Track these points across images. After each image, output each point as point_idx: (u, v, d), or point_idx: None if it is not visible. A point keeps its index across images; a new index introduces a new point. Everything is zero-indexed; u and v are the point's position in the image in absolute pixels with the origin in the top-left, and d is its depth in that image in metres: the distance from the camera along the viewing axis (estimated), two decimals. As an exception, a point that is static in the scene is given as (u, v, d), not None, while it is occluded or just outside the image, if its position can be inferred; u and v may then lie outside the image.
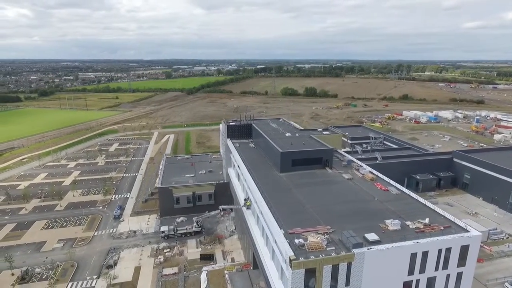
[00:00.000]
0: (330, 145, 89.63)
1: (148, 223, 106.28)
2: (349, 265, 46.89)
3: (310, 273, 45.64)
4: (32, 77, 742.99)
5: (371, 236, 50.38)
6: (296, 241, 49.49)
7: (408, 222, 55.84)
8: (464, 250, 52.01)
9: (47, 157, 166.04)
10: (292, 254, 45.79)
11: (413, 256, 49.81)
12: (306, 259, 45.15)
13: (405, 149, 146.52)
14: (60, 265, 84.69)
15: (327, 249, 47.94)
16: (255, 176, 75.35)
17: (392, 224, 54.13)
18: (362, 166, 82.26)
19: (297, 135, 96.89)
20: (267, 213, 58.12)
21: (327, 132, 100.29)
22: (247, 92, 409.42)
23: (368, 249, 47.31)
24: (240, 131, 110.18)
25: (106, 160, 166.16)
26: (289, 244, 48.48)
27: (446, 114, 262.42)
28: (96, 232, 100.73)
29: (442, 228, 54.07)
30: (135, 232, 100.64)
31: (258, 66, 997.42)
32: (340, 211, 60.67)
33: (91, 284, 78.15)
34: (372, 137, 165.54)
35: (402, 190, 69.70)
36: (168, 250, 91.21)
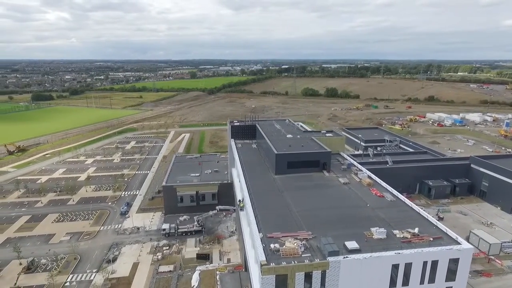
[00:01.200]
0: (333, 148, 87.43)
1: (152, 220, 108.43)
2: (324, 273, 45.31)
3: (282, 280, 44.57)
4: (66, 77, 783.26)
5: (351, 244, 48.43)
6: (272, 245, 48.53)
7: (395, 231, 53.21)
8: (454, 263, 48.78)
9: (67, 153, 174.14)
10: (264, 259, 44.89)
11: (395, 267, 47.36)
12: (277, 265, 44.12)
13: (421, 154, 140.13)
14: (64, 257, 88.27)
15: (303, 255, 46.65)
16: (248, 177, 74.88)
17: (377, 233, 51.78)
18: (361, 171, 79.37)
19: (298, 136, 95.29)
20: (251, 215, 57.49)
21: (330, 134, 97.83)
22: (268, 92, 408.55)
23: (344, 257, 45.50)
24: (244, 132, 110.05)
25: (122, 158, 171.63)
26: (264, 249, 47.61)
27: (474, 117, 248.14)
28: (102, 227, 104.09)
29: (432, 239, 51.04)
30: (138, 228, 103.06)
31: (283, 66, 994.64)
32: (327, 216, 58.88)
33: (89, 278, 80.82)
34: (387, 140, 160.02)
35: (397, 197, 66.67)
36: (167, 248, 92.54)
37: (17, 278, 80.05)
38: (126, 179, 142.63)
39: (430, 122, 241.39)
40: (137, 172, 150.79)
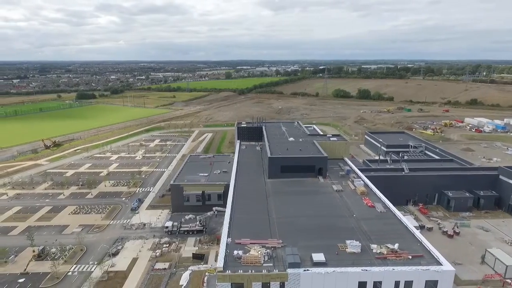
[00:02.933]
0: (336, 153, 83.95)
1: (159, 217, 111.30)
2: (282, 285, 43.39)
3: (238, 288, 43.37)
4: (112, 77, 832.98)
5: (317, 257, 45.99)
6: (236, 252, 47.53)
7: (373, 246, 49.65)
8: (432, 286, 44.27)
9: (95, 150, 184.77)
10: (221, 266, 44.00)
11: (362, 285, 44.16)
12: (233, 273, 43.04)
13: (446, 161, 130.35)
14: (72, 248, 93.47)
15: (264, 265, 45.07)
16: (238, 180, 74.17)
17: (351, 246, 48.66)
18: (358, 178, 75.15)
19: (301, 140, 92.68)
20: (226, 219, 56.79)
21: (334, 139, 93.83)
22: (298, 93, 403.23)
23: (304, 270, 43.21)
24: (250, 134, 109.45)
25: (144, 155, 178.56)
26: (227, 255, 46.71)
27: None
28: (112, 221, 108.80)
29: (410, 257, 46.93)
30: (144, 224, 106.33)
31: (320, 67, 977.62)
32: (306, 224, 56.46)
33: (91, 269, 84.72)
34: (411, 146, 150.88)
35: (389, 208, 62.16)
36: (167, 245, 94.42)
37: (27, 264, 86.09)
38: (143, 176, 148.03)
39: (468, 128, 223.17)
40: (155, 170, 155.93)
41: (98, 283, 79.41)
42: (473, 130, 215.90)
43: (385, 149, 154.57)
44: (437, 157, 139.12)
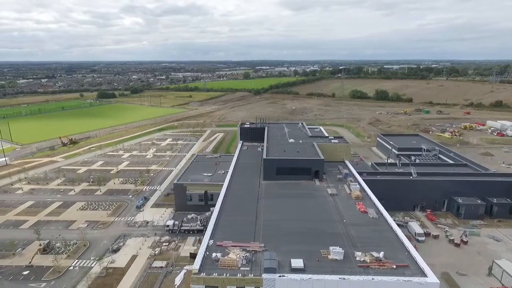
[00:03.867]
0: (337, 156, 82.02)
1: (162, 216, 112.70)
2: (257, 290, 42.53)
3: (213, 291, 42.95)
4: (133, 77, 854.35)
5: (296, 263, 44.84)
6: (215, 254, 47.13)
7: (358, 253, 47.87)
8: (415, 298, 42.14)
9: (109, 148, 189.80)
10: (197, 267, 43.74)
11: (340, 293, 42.50)
12: (208, 276, 42.65)
13: (460, 166, 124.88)
14: (76, 243, 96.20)
15: (241, 268, 44.40)
16: (233, 181, 73.77)
17: (334, 253, 47.16)
18: (354, 182, 72.96)
19: (301, 141, 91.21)
20: (212, 220, 56.52)
21: (335, 141, 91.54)
22: (313, 94, 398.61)
23: (280, 276, 42.20)
24: (253, 134, 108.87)
25: (155, 154, 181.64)
26: (205, 257, 46.42)
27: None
28: (117, 218, 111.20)
29: (395, 266, 44.88)
30: (147, 222, 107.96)
31: (340, 67, 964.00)
32: (293, 228, 55.34)
33: (91, 264, 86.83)
34: (424, 149, 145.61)
35: (381, 214, 59.82)
36: (167, 244, 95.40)
37: (32, 257, 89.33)
38: (152, 174, 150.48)
39: (489, 131, 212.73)
40: (163, 168, 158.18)
41: (96, 279, 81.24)
42: (495, 134, 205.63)
43: (396, 152, 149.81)
44: (450, 162, 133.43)
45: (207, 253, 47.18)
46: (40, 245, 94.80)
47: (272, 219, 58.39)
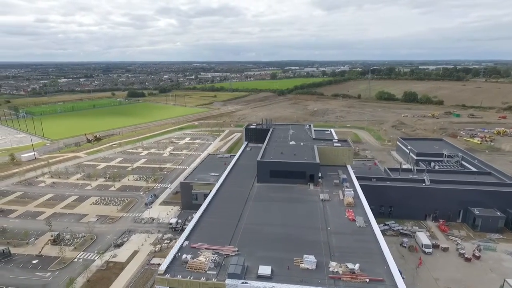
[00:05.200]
0: (339, 159, 79.30)
1: (169, 213, 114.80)
2: (220, 295, 41.81)
3: (177, 293, 42.76)
4: (164, 76, 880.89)
5: (264, 270, 43.62)
6: (184, 256, 46.97)
7: (333, 263, 45.70)
8: (384, 315, 39.45)
9: (129, 145, 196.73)
10: (163, 269, 43.81)
11: (304, 305, 40.72)
12: (172, 277, 42.55)
13: (483, 175, 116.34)
14: (84, 236, 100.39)
15: (208, 272, 43.89)
16: (226, 181, 73.49)
17: (306, 261, 45.31)
18: (349, 188, 69.92)
19: (302, 144, 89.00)
20: (193, 221, 56.52)
21: (338, 144, 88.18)
22: (339, 95, 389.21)
23: (242, 282, 41.22)
24: (258, 135, 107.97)
25: (171, 152, 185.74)
26: (175, 258, 46.41)
27: None
28: (125, 214, 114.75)
29: (368, 280, 42.26)
30: (153, 219, 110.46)
31: (372, 67, 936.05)
32: (273, 234, 53.98)
33: (94, 257, 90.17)
34: (445, 155, 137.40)
35: (369, 224, 56.67)
36: (169, 241, 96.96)
37: (42, 247, 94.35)
38: (165, 172, 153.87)
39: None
40: (177, 167, 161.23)
41: (96, 272, 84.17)
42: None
43: (414, 157, 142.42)
44: (473, 169, 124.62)
45: (179, 254, 47.08)
46: (52, 236, 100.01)
47: (254, 223, 57.30)
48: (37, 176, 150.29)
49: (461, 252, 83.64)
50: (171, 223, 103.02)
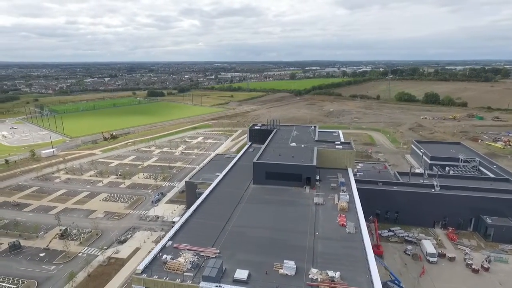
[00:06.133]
0: (339, 162, 77.44)
1: (174, 212, 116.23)
2: (195, 297, 41.50)
3: (153, 293, 42.84)
4: (185, 76, 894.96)
5: (240, 274, 42.97)
6: (164, 256, 47.03)
7: (313, 270, 44.36)
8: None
9: (142, 143, 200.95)
10: (141, 268, 44.05)
11: (278, 312, 39.67)
12: (148, 277, 42.69)
13: (500, 181, 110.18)
14: (90, 232, 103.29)
15: (185, 273, 43.71)
16: (222, 182, 73.31)
17: (285, 267, 44.19)
18: (345, 192, 67.84)
19: (302, 146, 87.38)
20: (181, 221, 56.62)
21: (340, 147, 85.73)
22: (357, 95, 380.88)
23: (216, 286, 40.68)
24: (262, 136, 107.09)
25: (183, 151, 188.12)
26: (156, 258, 46.57)
27: None
28: (132, 211, 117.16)
29: (346, 289, 40.57)
30: (158, 217, 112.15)
31: (396, 67, 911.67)
32: (258, 237, 53.20)
33: (97, 253, 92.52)
34: (461, 160, 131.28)
35: (360, 230, 54.64)
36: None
37: (50, 241, 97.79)
38: (175, 171, 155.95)
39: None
40: (187, 166, 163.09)
41: (98, 267, 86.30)
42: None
43: (428, 161, 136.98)
44: (491, 175, 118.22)
45: (160, 254, 47.21)
46: (60, 230, 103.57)
47: (242, 225, 56.63)
48: (53, 172, 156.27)
49: (469, 262, 79.40)
50: (174, 222, 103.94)
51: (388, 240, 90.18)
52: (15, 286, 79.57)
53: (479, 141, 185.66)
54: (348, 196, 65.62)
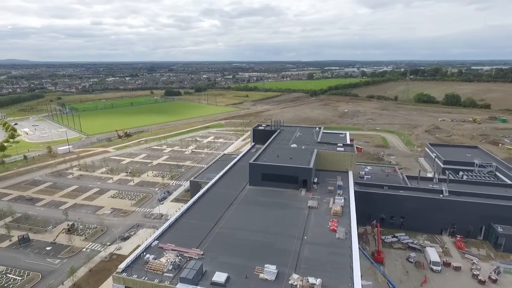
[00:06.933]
0: (340, 165, 75.77)
1: (178, 210, 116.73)
2: (172, 298, 41.38)
3: (133, 292, 43.07)
4: (203, 76, 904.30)
5: (219, 276, 42.51)
6: (147, 256, 47.21)
7: (294, 276, 43.32)
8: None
9: (154, 142, 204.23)
10: (122, 267, 44.43)
11: (252, 317, 38.91)
12: (127, 277, 42.96)
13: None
14: (96, 227, 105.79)
15: (165, 274, 43.70)
16: (218, 182, 73.18)
17: (266, 271, 43.37)
18: (341, 196, 66.05)
19: (303, 147, 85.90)
20: (170, 221, 56.83)
21: (341, 149, 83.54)
22: (374, 96, 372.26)
23: (193, 288, 40.38)
24: (265, 137, 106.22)
25: (193, 150, 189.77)
26: (139, 257, 46.87)
27: None
28: (138, 209, 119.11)
29: (325, 297, 39.31)
30: (162, 215, 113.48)
31: (419, 67, 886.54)
32: (244, 239, 52.59)
33: (100, 249, 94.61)
34: (476, 164, 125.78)
35: (350, 236, 52.93)
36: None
37: (57, 235, 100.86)
38: (183, 170, 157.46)
39: None
40: (195, 165, 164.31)
41: (100, 263, 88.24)
42: None
43: (441, 165, 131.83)
44: (508, 181, 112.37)
45: (144, 253, 47.45)
46: (68, 225, 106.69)
47: (230, 227, 56.12)
48: (67, 168, 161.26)
49: (475, 273, 75.58)
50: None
51: (391, 246, 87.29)
52: (20, 278, 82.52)
53: (500, 145, 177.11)
54: (343, 200, 63.77)
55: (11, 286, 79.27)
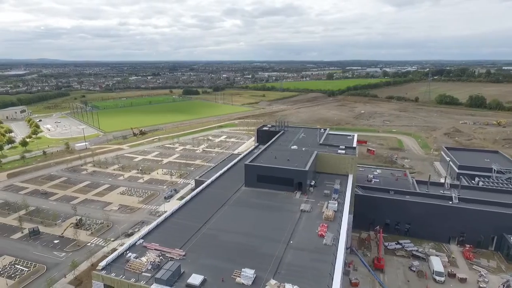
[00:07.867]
0: (340, 168, 73.95)
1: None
2: (147, 298, 41.43)
3: (111, 290, 43.51)
4: (223, 75, 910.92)
5: (195, 279, 42.15)
6: (129, 255, 47.57)
7: (272, 282, 42.32)
8: None
9: (167, 140, 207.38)
10: (103, 265, 44.96)
11: (224, 322, 38.24)
12: (106, 275, 43.41)
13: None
14: (102, 223, 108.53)
15: (143, 273, 43.85)
16: (214, 182, 73.11)
17: (243, 275, 42.61)
18: (335, 200, 64.11)
19: (303, 149, 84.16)
20: (159, 220, 57.17)
21: (342, 152, 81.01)
22: (394, 97, 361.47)
23: (167, 289, 40.23)
24: (268, 137, 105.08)
25: (204, 149, 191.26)
26: (121, 255, 47.33)
27: None
28: (144, 206, 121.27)
29: (300, 305, 38.10)
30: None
31: (445, 67, 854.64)
32: (228, 242, 52.05)
33: (105, 244, 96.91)
34: (494, 170, 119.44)
35: (337, 243, 51.16)
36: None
37: (65, 229, 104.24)
38: (192, 168, 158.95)
39: None
40: (205, 164, 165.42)
41: (102, 257, 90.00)
42: None
43: (456, 170, 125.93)
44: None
45: (127, 252, 47.85)
46: (76, 219, 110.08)
47: (217, 228, 55.63)
48: (82, 164, 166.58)
49: (482, 286, 71.50)
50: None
51: (394, 254, 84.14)
52: (27, 269, 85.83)
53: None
54: (336, 205, 61.76)
55: (18, 277, 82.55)
